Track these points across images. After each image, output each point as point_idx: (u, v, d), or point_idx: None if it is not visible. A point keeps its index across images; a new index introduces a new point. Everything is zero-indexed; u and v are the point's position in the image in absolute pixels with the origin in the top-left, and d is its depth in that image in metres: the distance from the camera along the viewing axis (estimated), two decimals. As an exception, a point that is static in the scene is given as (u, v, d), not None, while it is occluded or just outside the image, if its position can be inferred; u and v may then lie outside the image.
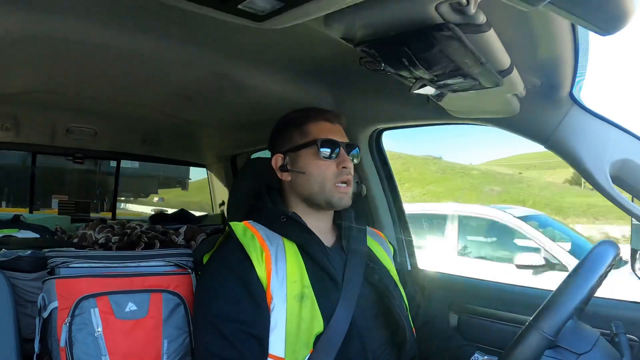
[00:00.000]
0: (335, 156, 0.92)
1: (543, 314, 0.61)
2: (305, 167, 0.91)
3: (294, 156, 0.93)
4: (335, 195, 0.91)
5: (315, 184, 0.91)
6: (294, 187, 0.94)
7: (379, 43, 0.66)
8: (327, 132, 0.94)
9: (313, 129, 0.94)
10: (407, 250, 1.43)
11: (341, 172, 0.91)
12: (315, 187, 0.91)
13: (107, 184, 4.22)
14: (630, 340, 0.89)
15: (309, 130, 0.94)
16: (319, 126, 0.95)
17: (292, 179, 0.94)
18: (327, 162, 0.91)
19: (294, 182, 0.93)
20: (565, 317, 0.60)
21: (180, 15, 0.74)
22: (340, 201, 0.92)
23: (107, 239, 1.36)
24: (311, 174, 0.91)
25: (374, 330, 0.87)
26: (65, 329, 0.83)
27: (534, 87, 0.86)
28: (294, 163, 0.93)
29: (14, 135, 1.87)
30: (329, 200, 0.91)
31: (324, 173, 0.91)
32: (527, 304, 1.09)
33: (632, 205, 0.85)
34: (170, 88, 1.21)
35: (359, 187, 1.36)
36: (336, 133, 0.95)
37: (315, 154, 0.91)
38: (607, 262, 0.64)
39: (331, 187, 0.91)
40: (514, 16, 0.64)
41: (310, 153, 0.92)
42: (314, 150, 0.91)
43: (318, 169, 0.91)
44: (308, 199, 0.92)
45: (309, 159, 0.92)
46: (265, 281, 0.81)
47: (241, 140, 1.84)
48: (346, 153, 0.94)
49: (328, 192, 0.91)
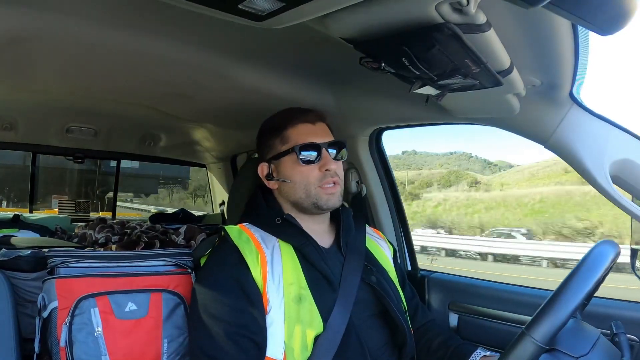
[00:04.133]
0: (317, 160, 0.91)
1: (536, 322, 0.60)
2: (288, 176, 0.91)
3: (277, 164, 0.94)
4: (322, 197, 0.90)
5: (300, 190, 0.90)
6: (282, 194, 0.94)
7: (379, 43, 0.66)
8: (307, 135, 0.92)
9: (292, 134, 0.93)
10: (407, 250, 1.43)
11: (325, 175, 0.90)
12: (300, 193, 0.91)
13: (107, 183, 4.22)
14: (630, 340, 0.89)
15: (288, 136, 0.93)
16: (297, 130, 0.93)
17: (278, 187, 0.94)
18: (309, 167, 0.90)
19: (280, 189, 0.94)
20: (559, 324, 0.59)
21: (180, 15, 0.74)
22: (328, 202, 0.91)
23: (107, 239, 1.36)
24: (295, 182, 0.90)
25: (372, 331, 0.87)
26: (65, 329, 0.83)
27: (534, 87, 0.86)
28: (278, 171, 0.93)
29: (14, 135, 1.87)
30: (316, 203, 0.90)
31: (307, 178, 0.90)
32: (527, 304, 1.09)
33: (632, 205, 0.85)
34: (170, 88, 1.21)
35: (359, 187, 1.36)
36: (318, 134, 0.93)
37: (296, 161, 0.90)
38: (607, 262, 0.63)
39: (317, 190, 0.90)
40: (514, 16, 0.64)
41: (292, 160, 0.91)
42: (295, 157, 0.90)
43: (301, 175, 0.90)
44: (296, 205, 0.93)
45: (290, 167, 0.91)
46: (261, 283, 0.81)
47: (241, 140, 1.84)
48: (330, 152, 0.92)
49: (314, 196, 0.90)
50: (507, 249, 13.21)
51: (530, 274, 10.10)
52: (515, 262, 12.40)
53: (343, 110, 1.25)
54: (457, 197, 24.96)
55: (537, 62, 0.77)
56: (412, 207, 24.05)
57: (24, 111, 1.65)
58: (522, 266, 11.90)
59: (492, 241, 14.13)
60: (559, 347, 0.62)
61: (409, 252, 1.43)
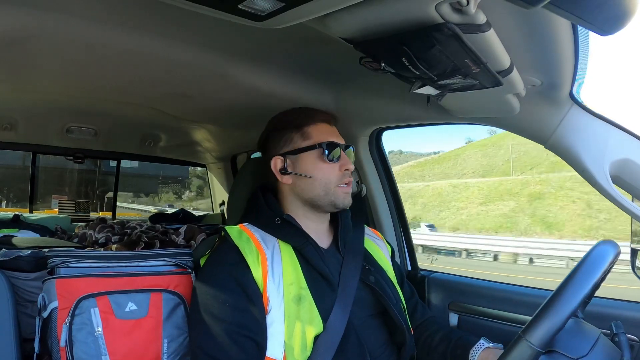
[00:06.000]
0: (337, 159, 0.92)
1: (532, 326, 0.59)
2: (309, 171, 0.91)
3: (295, 159, 0.93)
4: (339, 196, 0.91)
5: (320, 187, 0.91)
6: (296, 189, 0.93)
7: (379, 43, 0.66)
8: (328, 135, 0.94)
9: (314, 131, 0.94)
10: (406, 250, 1.43)
11: (344, 175, 0.92)
12: (319, 190, 0.91)
13: (107, 183, 4.22)
14: (630, 340, 0.89)
15: (310, 133, 0.93)
16: (318, 128, 0.94)
17: (293, 182, 0.93)
18: (331, 165, 0.91)
19: (295, 185, 0.93)
20: (556, 328, 0.58)
21: (180, 15, 0.74)
22: (344, 201, 0.92)
23: (107, 239, 1.36)
24: (316, 178, 0.91)
25: (371, 331, 0.88)
26: (65, 329, 0.82)
27: (534, 87, 0.86)
28: (296, 166, 0.93)
29: (14, 135, 1.87)
30: (333, 202, 0.91)
31: (329, 176, 0.91)
32: (527, 304, 1.09)
33: (632, 205, 0.84)
34: (170, 88, 1.21)
35: (359, 187, 1.36)
36: (335, 135, 0.96)
37: (319, 157, 0.91)
38: (606, 263, 0.62)
39: (335, 189, 0.91)
40: (514, 16, 0.64)
41: (314, 156, 0.91)
42: (318, 153, 0.91)
43: (322, 172, 0.91)
44: (311, 202, 0.92)
45: (312, 162, 0.91)
46: (261, 283, 0.81)
47: (241, 140, 1.84)
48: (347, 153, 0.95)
49: (332, 194, 0.91)
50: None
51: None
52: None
53: (343, 110, 1.25)
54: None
55: (537, 62, 0.77)
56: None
57: (24, 111, 1.65)
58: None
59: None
60: (558, 349, 0.61)
61: (409, 252, 1.43)
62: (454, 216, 22.26)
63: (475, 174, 26.90)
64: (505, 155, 26.66)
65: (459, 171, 28.24)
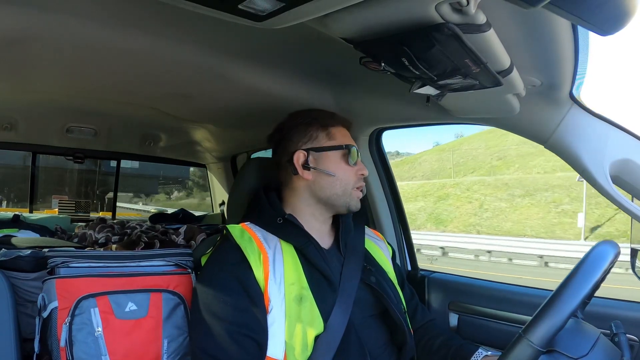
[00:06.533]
0: (355, 164, 0.94)
1: (533, 325, 0.59)
2: (333, 169, 0.92)
3: (319, 156, 0.93)
4: (354, 199, 0.94)
5: (340, 186, 0.92)
6: (314, 186, 0.93)
7: (379, 43, 0.66)
8: (348, 139, 0.97)
9: (337, 134, 0.96)
10: (406, 251, 1.43)
11: (360, 179, 0.95)
12: (338, 189, 0.92)
13: (107, 183, 4.22)
14: (630, 340, 0.89)
15: (334, 134, 0.96)
16: (340, 131, 0.97)
17: (314, 178, 0.93)
18: (351, 169, 0.94)
19: (315, 181, 0.93)
20: (557, 327, 0.58)
21: (180, 15, 0.74)
22: (357, 205, 0.95)
23: (107, 239, 1.36)
24: (338, 177, 0.92)
25: (372, 331, 0.88)
26: (65, 329, 0.83)
27: (534, 87, 0.86)
28: (318, 163, 0.93)
29: (14, 135, 1.87)
30: (348, 203, 0.93)
31: (349, 178, 0.93)
32: (527, 304, 1.09)
33: (632, 205, 0.84)
34: (170, 88, 1.21)
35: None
36: (352, 140, 0.98)
37: (342, 158, 0.93)
38: (606, 263, 0.62)
39: (352, 192, 0.93)
40: (514, 16, 0.64)
41: (338, 156, 0.93)
42: (342, 154, 0.93)
43: (345, 173, 0.93)
44: (326, 200, 0.93)
45: (336, 162, 0.93)
46: (262, 283, 0.81)
47: (241, 140, 1.84)
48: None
49: (349, 196, 0.93)
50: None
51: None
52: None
53: (343, 110, 1.25)
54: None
55: (537, 62, 0.77)
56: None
57: (24, 111, 1.65)
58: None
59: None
60: (558, 348, 0.61)
61: (409, 252, 1.43)
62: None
63: (423, 177, 27.54)
64: (455, 159, 27.40)
65: (412, 174, 28.78)
